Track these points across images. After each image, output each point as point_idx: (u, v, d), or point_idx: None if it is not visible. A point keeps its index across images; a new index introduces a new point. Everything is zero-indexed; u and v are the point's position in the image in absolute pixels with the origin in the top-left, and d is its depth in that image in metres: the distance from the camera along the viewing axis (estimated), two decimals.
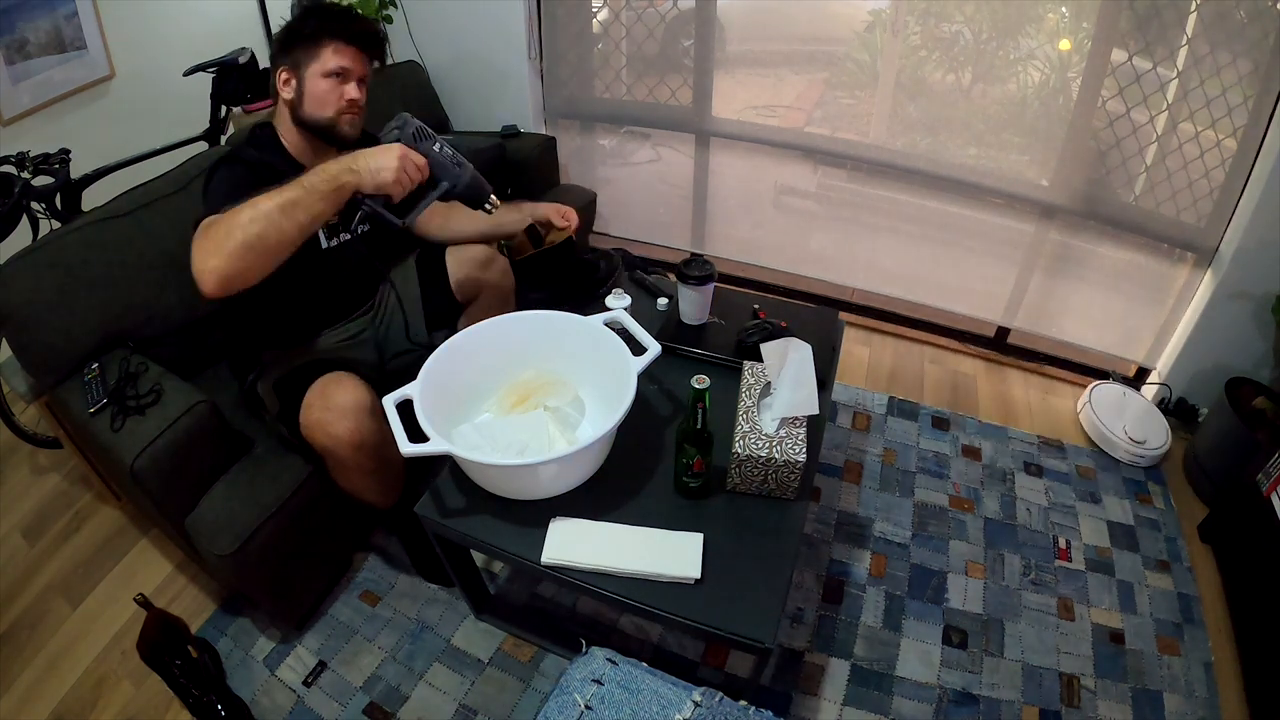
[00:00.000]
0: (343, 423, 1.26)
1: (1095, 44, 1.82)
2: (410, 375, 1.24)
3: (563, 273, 1.69)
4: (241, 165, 1.31)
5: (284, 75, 1.32)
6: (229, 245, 1.07)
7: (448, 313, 1.60)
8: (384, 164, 1.17)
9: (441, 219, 1.64)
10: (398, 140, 1.24)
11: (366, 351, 1.55)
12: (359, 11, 1.35)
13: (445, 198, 1.32)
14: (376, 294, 1.60)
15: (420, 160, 1.23)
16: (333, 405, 1.27)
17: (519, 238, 1.67)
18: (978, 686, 1.45)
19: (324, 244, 1.43)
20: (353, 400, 1.27)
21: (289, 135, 1.37)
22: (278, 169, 1.29)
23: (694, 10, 2.16)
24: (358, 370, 1.37)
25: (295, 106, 1.33)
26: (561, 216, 1.61)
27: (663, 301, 1.67)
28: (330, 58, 1.30)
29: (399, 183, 1.19)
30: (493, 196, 1.34)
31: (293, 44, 1.30)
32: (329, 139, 1.36)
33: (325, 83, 1.30)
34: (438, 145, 1.27)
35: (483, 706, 1.41)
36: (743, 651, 1.12)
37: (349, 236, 1.48)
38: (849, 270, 2.49)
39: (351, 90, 1.33)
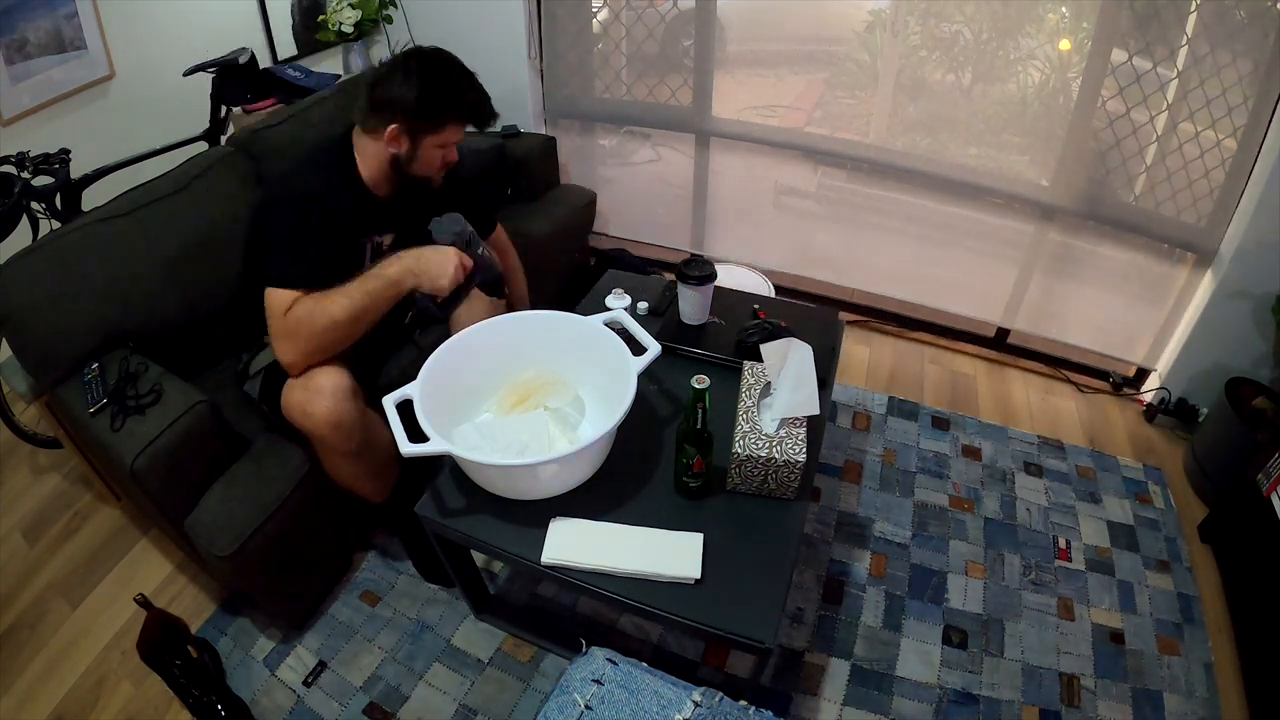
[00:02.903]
0: (320, 402, 1.28)
1: (1095, 44, 1.82)
2: (406, 376, 1.24)
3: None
4: (311, 212, 1.31)
5: (394, 132, 1.33)
6: (307, 347, 1.28)
7: (430, 315, 1.61)
8: (444, 272, 1.32)
9: None
10: (453, 244, 1.34)
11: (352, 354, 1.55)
12: (470, 82, 1.38)
13: (479, 288, 1.46)
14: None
15: (469, 263, 1.36)
16: (312, 386, 1.29)
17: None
18: (978, 686, 1.45)
19: (368, 268, 1.45)
20: (331, 382, 1.29)
21: (374, 165, 1.40)
22: (343, 203, 1.36)
23: (694, 10, 2.16)
24: (341, 358, 1.38)
25: (402, 162, 1.38)
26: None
27: (642, 305, 1.65)
28: (450, 135, 1.37)
29: (453, 286, 1.34)
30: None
31: (418, 114, 1.32)
32: (418, 183, 1.43)
33: (438, 152, 1.38)
34: (482, 249, 1.38)
35: (483, 706, 1.41)
36: (743, 651, 1.12)
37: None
38: (849, 270, 2.49)
39: (453, 154, 1.41)
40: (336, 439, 1.32)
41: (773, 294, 2.12)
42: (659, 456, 1.31)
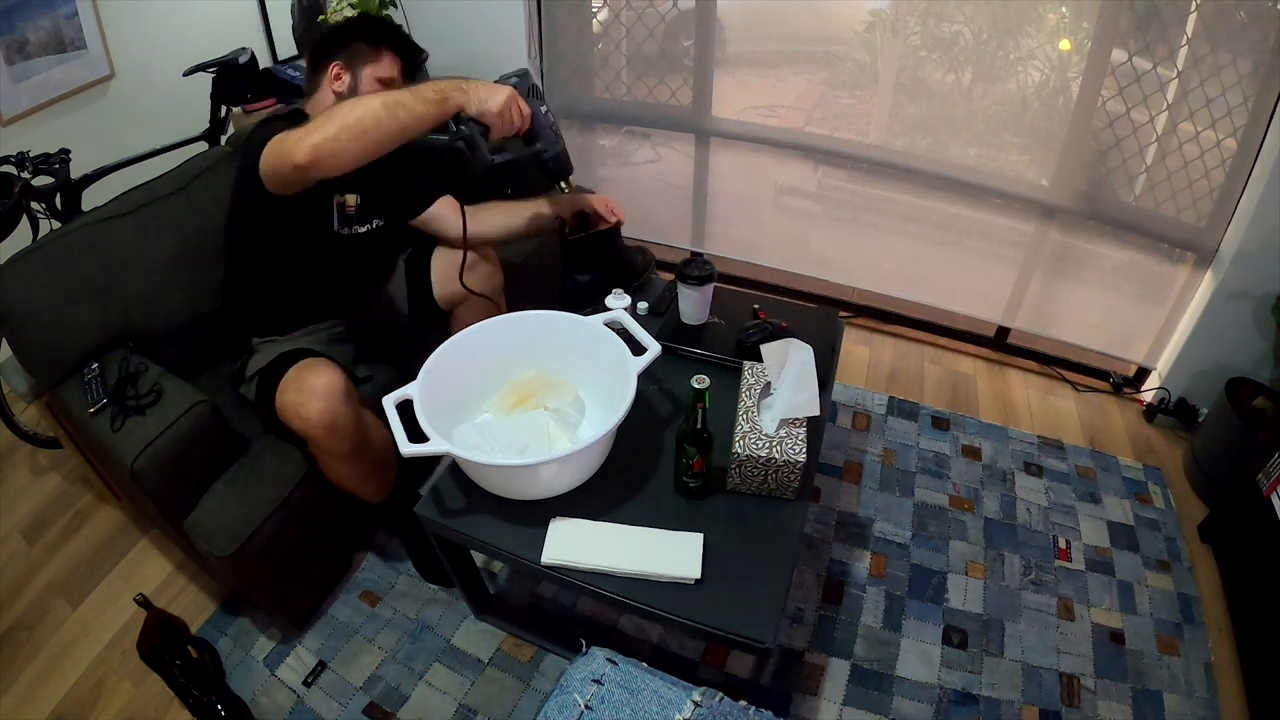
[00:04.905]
0: (314, 404, 1.27)
1: (1095, 44, 1.82)
2: (406, 376, 1.24)
3: (606, 259, 1.69)
4: (288, 120, 1.33)
5: (337, 70, 1.37)
6: (330, 126, 1.11)
7: (430, 315, 1.63)
8: (494, 95, 1.23)
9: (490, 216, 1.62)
10: (515, 87, 1.28)
11: (345, 352, 1.56)
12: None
13: (536, 160, 1.37)
14: (373, 295, 1.61)
15: (526, 110, 1.27)
16: (305, 388, 1.28)
17: (571, 221, 1.67)
18: (978, 686, 1.45)
19: (337, 227, 1.45)
20: (325, 383, 1.28)
21: None
22: None
23: (694, 10, 2.16)
24: (334, 361, 1.38)
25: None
26: (609, 210, 1.63)
27: (642, 305, 1.65)
28: (388, 66, 1.39)
29: (502, 117, 1.23)
30: (571, 178, 1.38)
31: (351, 41, 1.36)
32: None
33: (377, 87, 1.36)
34: (545, 109, 1.31)
35: (483, 706, 1.41)
36: (743, 651, 1.12)
37: (364, 229, 1.50)
38: (849, 270, 2.49)
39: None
40: (331, 441, 1.31)
41: None
42: (659, 456, 1.31)
